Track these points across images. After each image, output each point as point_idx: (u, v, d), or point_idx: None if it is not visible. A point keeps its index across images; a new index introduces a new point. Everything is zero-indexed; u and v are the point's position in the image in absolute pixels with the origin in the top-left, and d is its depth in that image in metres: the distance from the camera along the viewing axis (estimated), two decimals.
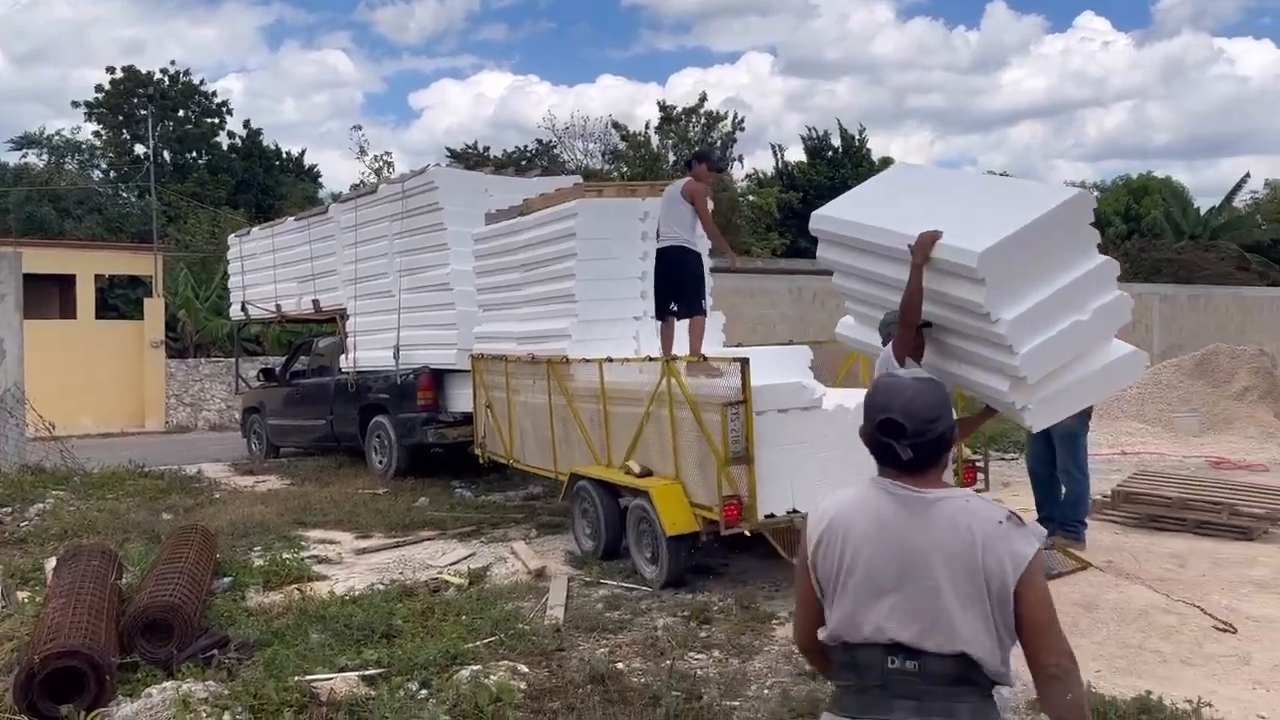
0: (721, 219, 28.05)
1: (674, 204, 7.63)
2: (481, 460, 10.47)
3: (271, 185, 40.64)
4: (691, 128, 34.35)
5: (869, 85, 78.02)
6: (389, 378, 11.89)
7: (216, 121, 42.22)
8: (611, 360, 7.80)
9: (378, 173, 30.55)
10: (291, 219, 14.93)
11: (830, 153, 37.38)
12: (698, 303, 7.71)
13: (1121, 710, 4.50)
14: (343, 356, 12.93)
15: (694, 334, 7.57)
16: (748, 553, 7.42)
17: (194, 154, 41.32)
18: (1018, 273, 4.92)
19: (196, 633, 5.57)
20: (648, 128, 34.37)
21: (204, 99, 42.30)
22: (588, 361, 8.09)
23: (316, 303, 13.72)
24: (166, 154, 40.62)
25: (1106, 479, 9.67)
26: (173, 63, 45.19)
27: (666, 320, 7.74)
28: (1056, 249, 5.01)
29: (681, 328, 7.74)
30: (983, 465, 7.31)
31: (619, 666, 5.29)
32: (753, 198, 33.48)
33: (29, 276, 18.52)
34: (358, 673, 5.09)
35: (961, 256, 4.88)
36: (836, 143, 37.58)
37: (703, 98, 34.85)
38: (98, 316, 21.94)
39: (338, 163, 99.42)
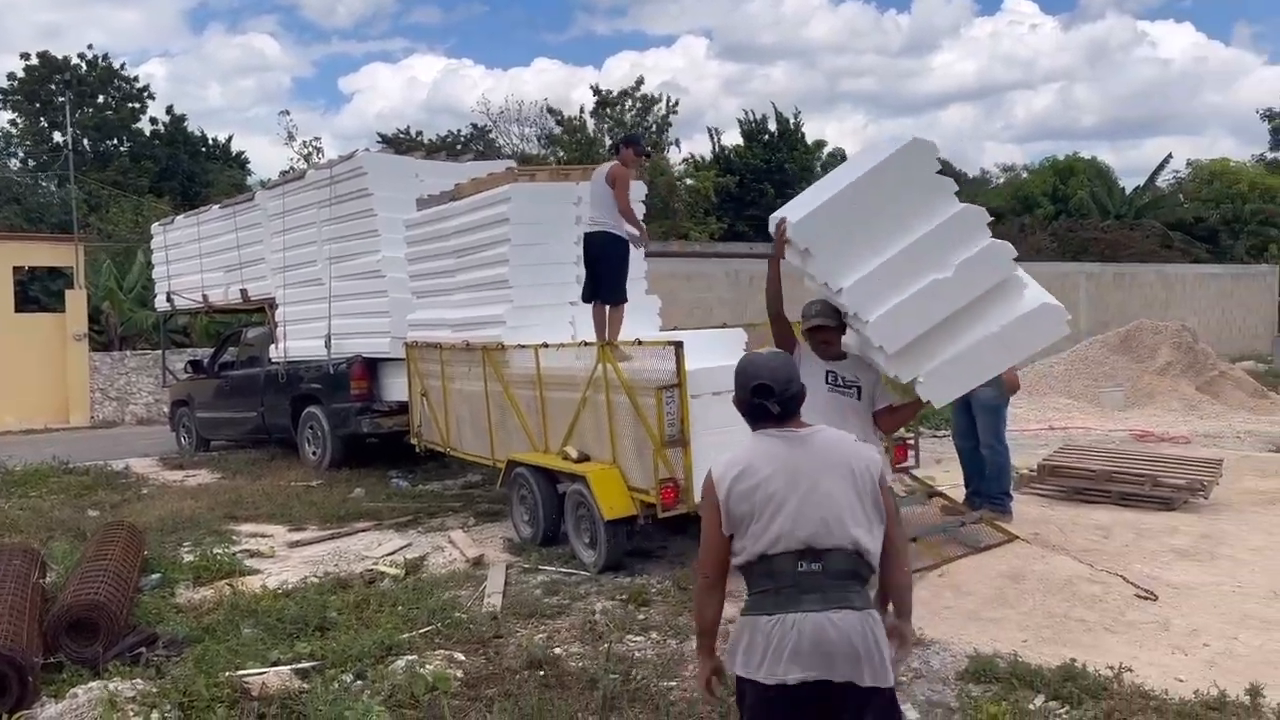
0: (659, 202, 28.13)
1: (599, 188, 7.61)
2: (418, 449, 10.38)
3: (197, 172, 39.71)
4: (627, 112, 34.26)
5: (804, 69, 78.69)
6: (321, 367, 11.71)
7: (138, 107, 41.12)
8: (547, 346, 7.76)
9: (307, 158, 30.02)
10: (217, 206, 14.59)
11: (766, 136, 37.54)
12: (619, 291, 7.67)
13: (1046, 678, 4.62)
14: (273, 347, 12.69)
15: (612, 322, 7.56)
16: (685, 535, 7.45)
17: (115, 141, 40.23)
18: (852, 237, 4.63)
19: (124, 631, 5.46)
20: (582, 112, 34.23)
21: (124, 84, 41.19)
22: (523, 347, 8.04)
23: (244, 292, 13.44)
24: (86, 141, 39.49)
25: (1034, 454, 9.90)
26: (90, 47, 44.00)
27: (597, 304, 7.72)
28: (899, 205, 4.65)
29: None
30: (913, 442, 7.42)
31: (557, 651, 5.29)
32: (690, 181, 33.53)
33: None
34: (290, 666, 5.02)
35: (789, 233, 4.83)
36: (773, 127, 37.76)
37: (638, 81, 34.80)
38: (18, 309, 21.28)
39: (266, 149, 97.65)
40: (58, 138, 37.10)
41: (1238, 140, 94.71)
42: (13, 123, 39.57)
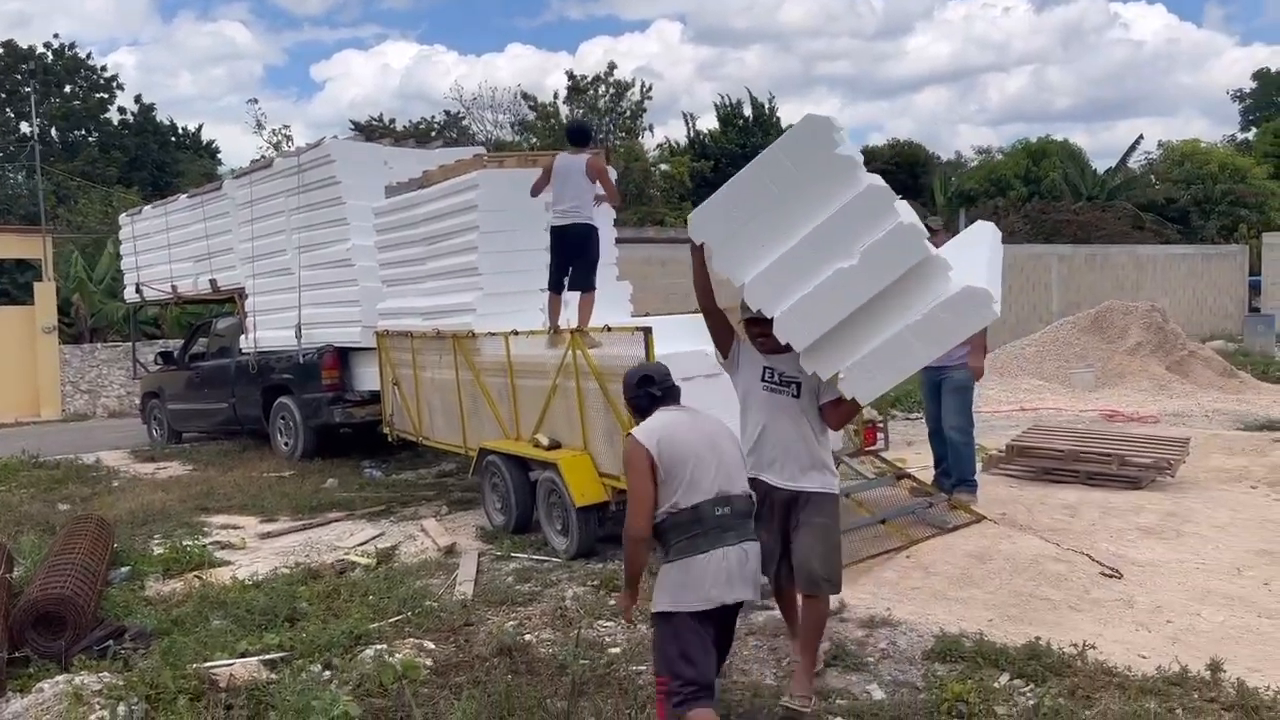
0: (633, 188, 28.06)
1: (576, 178, 7.59)
2: (390, 439, 10.34)
3: (167, 162, 39.34)
4: (600, 97, 34.13)
5: (778, 53, 78.64)
6: (292, 357, 11.62)
7: (106, 97, 40.63)
8: (517, 333, 7.75)
9: (276, 146, 29.73)
10: (185, 196, 14.44)
11: (742, 121, 37.51)
12: (592, 278, 7.74)
13: (1011, 657, 4.67)
14: (243, 337, 12.60)
15: (585, 309, 7.57)
16: None
17: (83, 131, 39.76)
18: (751, 229, 4.30)
19: (91, 624, 5.42)
20: (556, 98, 34.08)
21: (92, 73, 40.69)
22: (493, 335, 8.02)
23: (214, 282, 13.32)
24: (54, 132, 38.97)
25: (1005, 435, 9.97)
26: (56, 36, 43.38)
27: (554, 294, 7.76)
28: (800, 190, 4.26)
29: (570, 299, 7.77)
30: (883, 425, 7.46)
31: (528, 638, 5.30)
32: (665, 167, 33.46)
33: None
34: (259, 657, 5.00)
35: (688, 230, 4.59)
36: (748, 111, 37.73)
37: (611, 66, 34.65)
38: None
39: (238, 138, 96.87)
40: (24, 128, 36.61)
41: (1210, 121, 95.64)
42: None
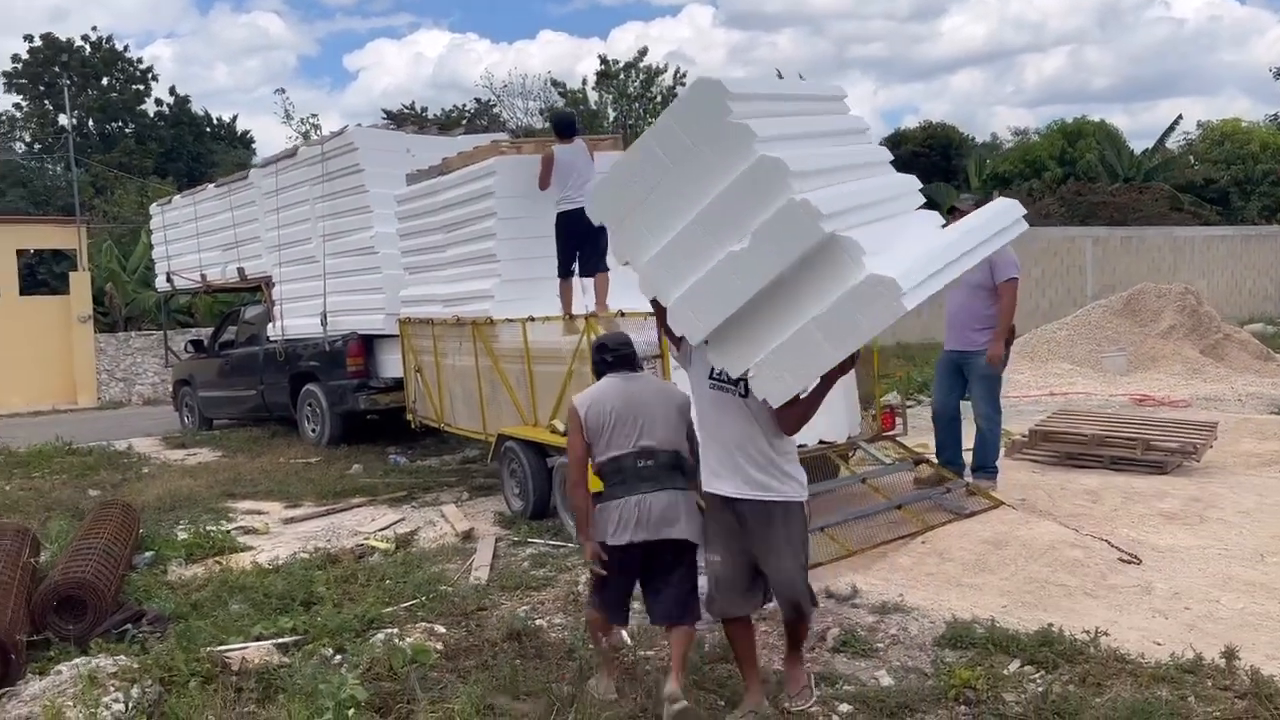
0: None
1: (581, 165, 7.75)
2: (413, 425, 10.41)
3: (202, 153, 39.76)
4: (630, 83, 34.06)
5: (810, 36, 78.03)
6: (318, 345, 11.73)
7: (142, 89, 41.09)
8: (534, 320, 7.76)
9: (305, 136, 29.97)
10: (212, 186, 14.60)
11: None
12: (604, 260, 7.79)
13: (1023, 643, 4.62)
14: (270, 325, 12.73)
15: (601, 289, 7.62)
16: None
17: (119, 123, 40.24)
18: (644, 209, 3.92)
19: (111, 608, 5.51)
20: (585, 84, 34.04)
21: (128, 66, 41.16)
22: (511, 322, 8.04)
23: (241, 271, 13.46)
24: (91, 124, 39.50)
25: (1032, 419, 9.85)
26: (94, 29, 43.90)
27: (566, 282, 7.80)
28: (692, 165, 3.81)
29: (587, 284, 7.81)
30: (901, 410, 7.40)
31: (539, 623, 5.32)
32: None
33: None
34: (272, 641, 5.06)
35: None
36: None
37: (642, 52, 34.54)
38: (29, 292, 21.39)
39: (272, 128, 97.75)
40: (62, 120, 37.17)
41: (1253, 100, 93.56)
42: (17, 106, 39.62)
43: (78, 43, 39.92)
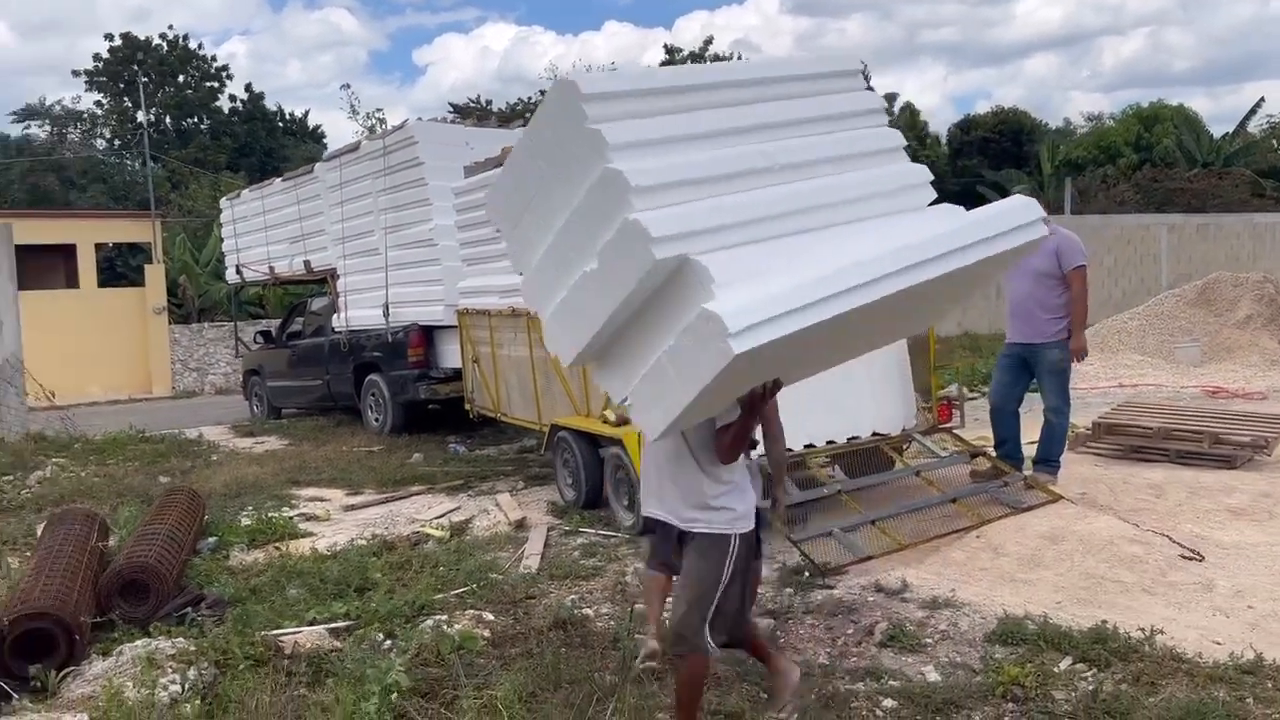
0: None
1: None
2: (471, 415, 10.52)
3: (274, 148, 40.59)
4: None
5: (879, 21, 77.01)
6: (380, 336, 11.92)
7: (216, 86, 42.06)
8: None
9: (370, 130, 30.41)
10: (279, 180, 14.88)
11: None
12: None
13: (1076, 640, 4.53)
14: (335, 316, 12.96)
15: None
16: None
17: (195, 119, 41.24)
18: (528, 215, 3.56)
19: (173, 592, 5.66)
20: None
21: (202, 63, 42.13)
22: None
23: (308, 263, 13.71)
24: (168, 120, 40.54)
25: (1098, 411, 9.62)
26: (170, 27, 44.97)
27: None
28: (563, 171, 3.42)
29: None
30: (958, 402, 7.28)
31: (585, 612, 5.35)
32: None
33: (32, 248, 18.78)
34: (325, 626, 5.17)
35: None
36: None
37: (708, 41, 34.44)
38: (108, 284, 22.09)
39: (343, 123, 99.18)
40: (140, 118, 38.26)
41: None
42: (98, 103, 40.83)
43: (155, 41, 41.03)
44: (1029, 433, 7.36)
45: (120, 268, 26.70)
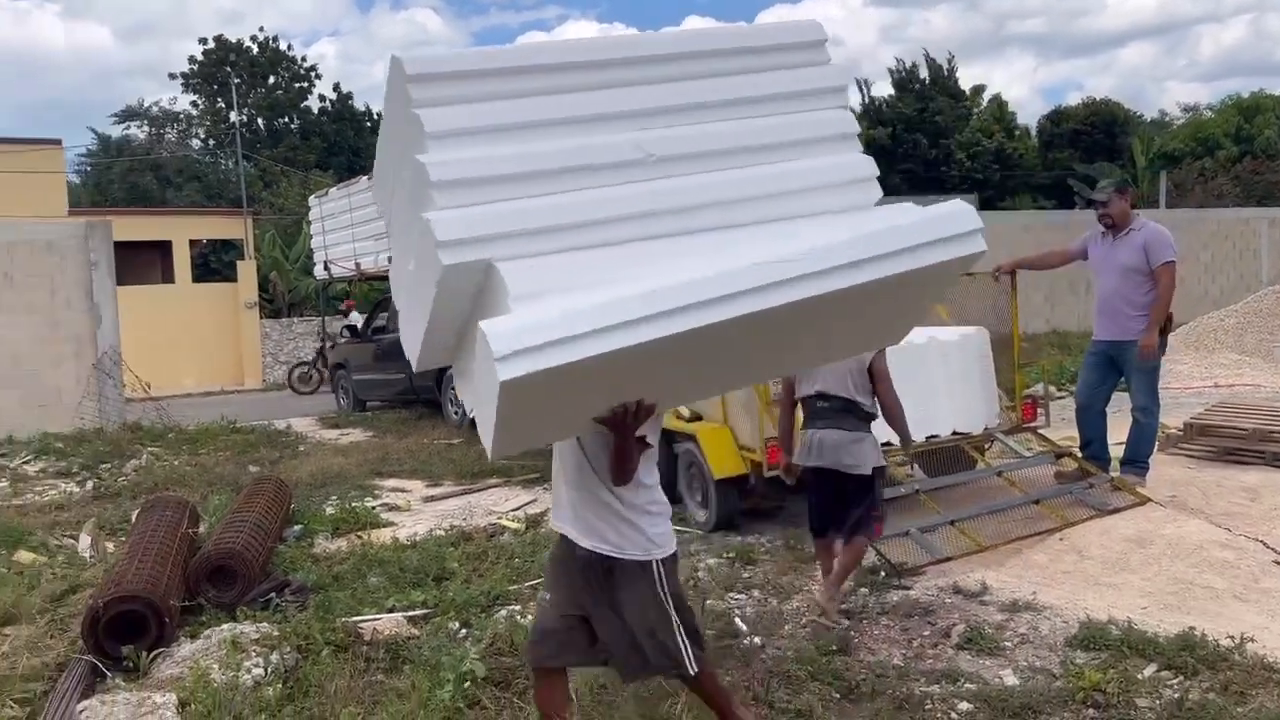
0: None
1: None
2: None
3: (362, 147, 41.40)
4: None
5: (965, 12, 75.51)
6: None
7: (306, 86, 43.09)
8: None
9: None
10: (365, 179, 15.18)
11: (918, 85, 36.26)
12: None
13: (1161, 646, 4.40)
14: None
15: None
16: (802, 495, 7.37)
17: (285, 119, 42.31)
18: (394, 202, 3.19)
19: (258, 578, 5.84)
20: None
21: (292, 64, 43.20)
22: None
23: (391, 259, 13.97)
24: (260, 121, 41.67)
25: (1191, 412, 9.30)
26: (261, 29, 46.16)
27: None
28: (402, 156, 3.01)
29: None
30: (1043, 401, 7.10)
31: None
32: None
33: (131, 244, 19.53)
34: (404, 613, 5.27)
35: None
36: (924, 75, 36.42)
37: None
38: (202, 280, 22.83)
39: None
40: (233, 118, 39.44)
41: None
42: (194, 104, 42.18)
43: (246, 43, 42.23)
44: (1117, 433, 7.14)
45: (214, 264, 27.56)
